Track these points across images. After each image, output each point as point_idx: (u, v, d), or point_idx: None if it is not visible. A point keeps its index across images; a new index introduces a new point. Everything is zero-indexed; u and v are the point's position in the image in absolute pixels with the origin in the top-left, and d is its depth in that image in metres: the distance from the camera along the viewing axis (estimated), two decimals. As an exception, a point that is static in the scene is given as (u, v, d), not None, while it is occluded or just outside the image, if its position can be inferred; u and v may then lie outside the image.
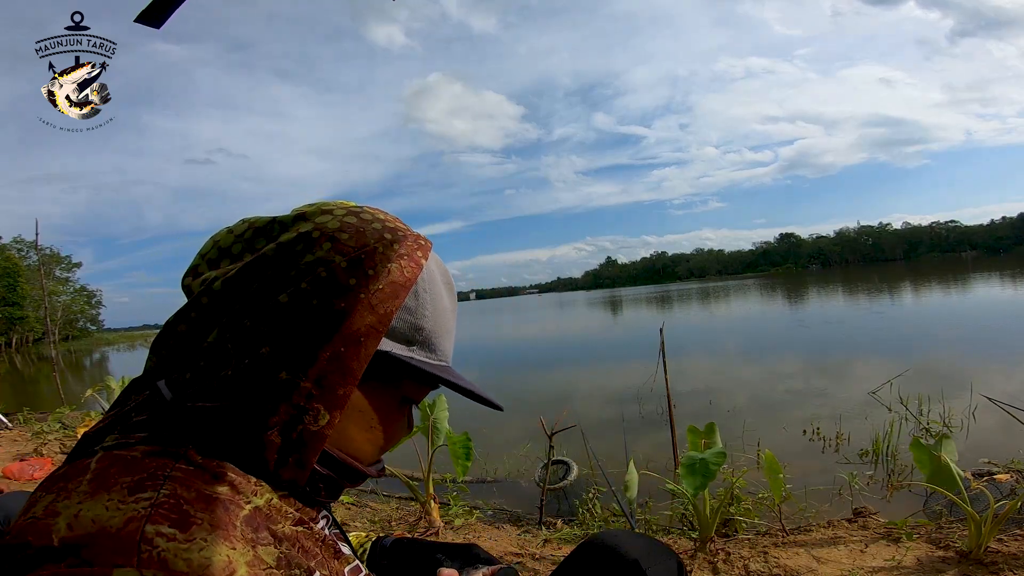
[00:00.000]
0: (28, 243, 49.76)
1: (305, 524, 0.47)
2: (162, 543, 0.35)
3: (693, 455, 2.21)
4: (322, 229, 0.48)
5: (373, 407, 0.51)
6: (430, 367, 0.51)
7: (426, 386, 0.55)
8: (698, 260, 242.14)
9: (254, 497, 0.43)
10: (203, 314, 0.47)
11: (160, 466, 0.40)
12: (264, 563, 0.39)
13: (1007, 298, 15.98)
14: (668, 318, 18.71)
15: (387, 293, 0.47)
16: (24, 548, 0.34)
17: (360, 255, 0.47)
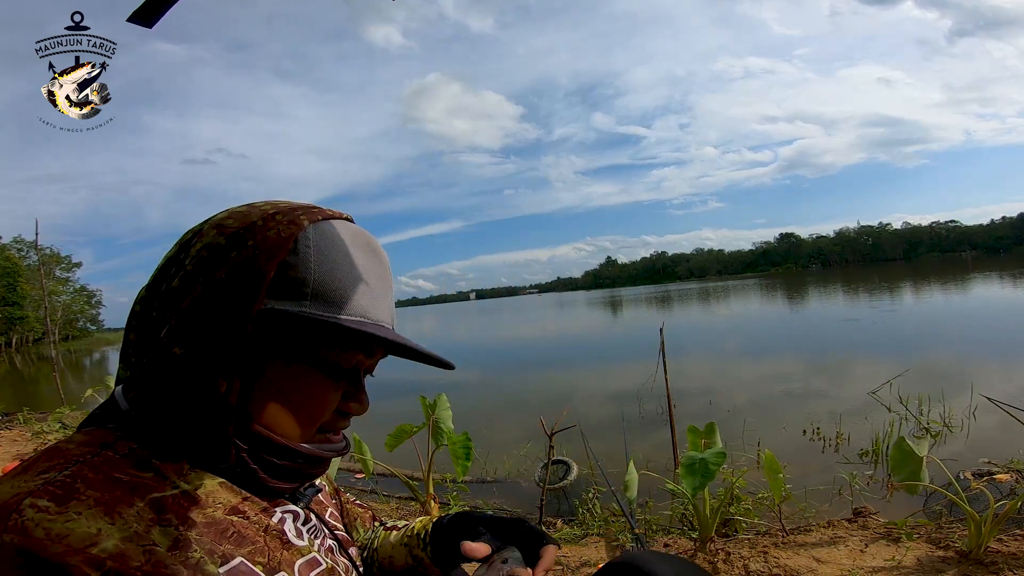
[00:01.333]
0: (28, 243, 49.76)
1: (242, 513, 0.48)
2: (31, 513, 0.38)
3: (693, 455, 2.21)
4: (211, 221, 0.51)
5: (288, 379, 0.50)
6: (330, 319, 0.49)
7: (343, 347, 0.52)
8: (698, 260, 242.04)
9: (182, 482, 0.46)
10: (135, 319, 0.50)
11: (81, 453, 0.43)
12: (147, 540, 0.40)
13: (1007, 298, 15.97)
14: (668, 318, 18.70)
15: (262, 253, 0.47)
16: None
17: (240, 230, 0.49)
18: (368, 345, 0.54)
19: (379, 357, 0.58)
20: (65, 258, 61.34)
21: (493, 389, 8.80)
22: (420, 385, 4.32)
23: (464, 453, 2.76)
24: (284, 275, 0.48)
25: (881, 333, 10.76)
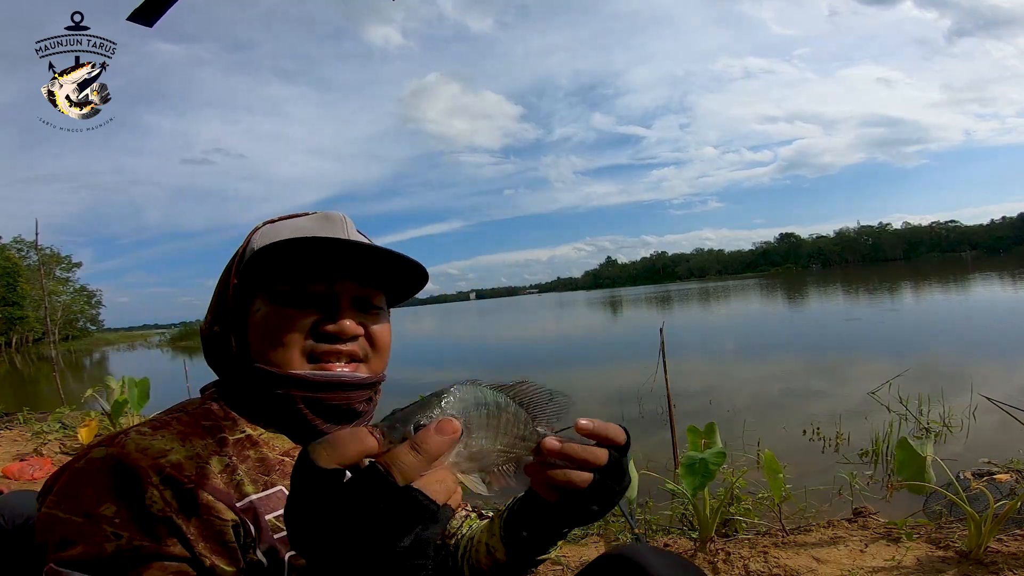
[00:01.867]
0: (28, 243, 49.72)
1: (293, 456, 0.64)
2: (133, 435, 0.56)
3: (693, 455, 2.21)
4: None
5: (263, 319, 0.66)
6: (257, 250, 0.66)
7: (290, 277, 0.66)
8: (698, 260, 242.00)
9: (248, 428, 0.64)
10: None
11: (188, 403, 0.66)
12: (203, 461, 0.57)
13: (1007, 298, 15.97)
14: (668, 318, 18.70)
15: (236, 256, 0.72)
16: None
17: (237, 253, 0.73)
18: (300, 261, 0.66)
19: (352, 285, 0.69)
20: (65, 258, 61.32)
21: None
22: (421, 386, 4.32)
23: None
24: (242, 259, 0.70)
25: (881, 333, 10.76)
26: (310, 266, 0.66)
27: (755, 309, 22.21)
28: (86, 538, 0.49)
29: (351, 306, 0.69)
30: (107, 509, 0.50)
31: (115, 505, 0.50)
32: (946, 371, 6.25)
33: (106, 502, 0.50)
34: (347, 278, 0.68)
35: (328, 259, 0.66)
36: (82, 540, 0.49)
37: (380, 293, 0.74)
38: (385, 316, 0.74)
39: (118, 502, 0.50)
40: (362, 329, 0.69)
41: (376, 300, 0.73)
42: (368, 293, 0.71)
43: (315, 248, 0.65)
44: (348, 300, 0.69)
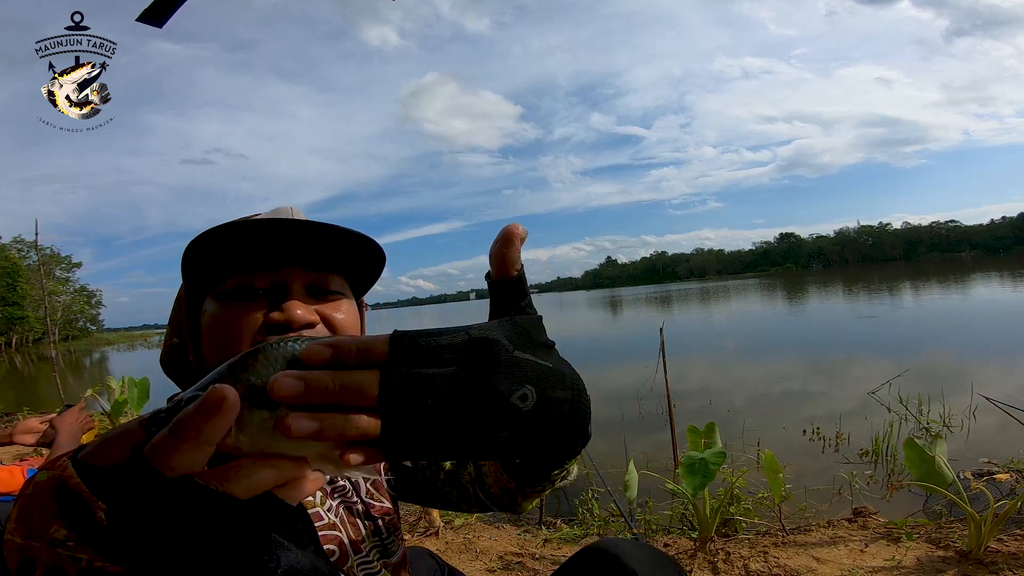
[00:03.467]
0: (28, 243, 49.74)
1: None
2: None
3: (693, 455, 2.21)
4: None
5: (210, 320, 0.62)
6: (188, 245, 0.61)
7: (229, 270, 0.62)
8: (698, 260, 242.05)
9: None
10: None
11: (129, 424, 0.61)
12: None
13: (1007, 298, 15.98)
14: (668, 318, 18.71)
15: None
16: None
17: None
18: (239, 253, 0.61)
19: (299, 271, 0.63)
20: (65, 258, 61.38)
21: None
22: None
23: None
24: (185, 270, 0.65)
25: (881, 333, 10.76)
26: (251, 256, 0.61)
27: (755, 309, 22.22)
28: (45, 562, 0.45)
29: (304, 293, 0.63)
30: (58, 532, 0.45)
31: (65, 528, 0.45)
32: (946, 371, 6.25)
33: (55, 525, 0.46)
34: (294, 263, 0.63)
35: (269, 246, 0.61)
36: (40, 563, 0.46)
37: (337, 276, 0.67)
38: (347, 301, 0.68)
39: (68, 525, 0.46)
40: (316, 316, 0.62)
41: (332, 284, 0.66)
42: (319, 278, 0.65)
43: (251, 235, 0.60)
44: (299, 287, 0.63)
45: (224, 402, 0.26)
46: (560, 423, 0.35)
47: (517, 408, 0.32)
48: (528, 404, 0.32)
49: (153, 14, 1.07)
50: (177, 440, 0.27)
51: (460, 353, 0.31)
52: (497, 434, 0.31)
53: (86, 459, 0.31)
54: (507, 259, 0.45)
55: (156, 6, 1.06)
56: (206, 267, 0.63)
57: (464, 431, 0.31)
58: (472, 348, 0.32)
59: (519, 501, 0.72)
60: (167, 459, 0.27)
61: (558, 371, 0.36)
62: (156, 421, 0.29)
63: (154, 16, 1.08)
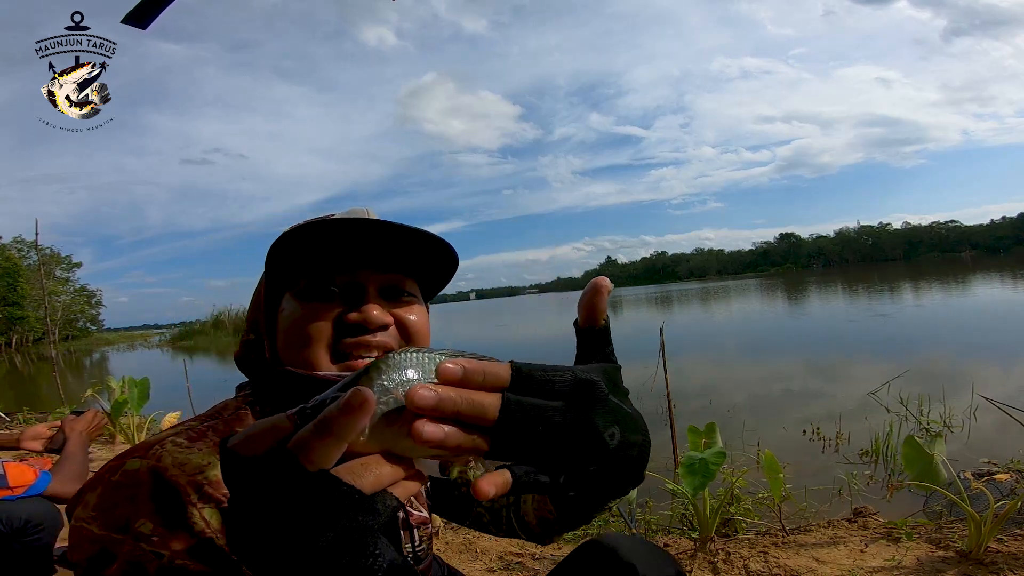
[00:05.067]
0: (28, 243, 49.72)
1: None
2: (170, 447, 0.52)
3: (693, 455, 2.21)
4: None
5: (287, 317, 0.64)
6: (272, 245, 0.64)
7: (309, 271, 0.64)
8: (698, 260, 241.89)
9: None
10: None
11: (224, 407, 0.62)
12: None
13: (1007, 298, 15.97)
14: (668, 318, 18.70)
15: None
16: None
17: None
18: (318, 252, 0.63)
19: (376, 273, 0.66)
20: (65, 258, 61.33)
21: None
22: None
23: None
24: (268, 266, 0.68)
25: (881, 333, 10.75)
26: (329, 256, 0.64)
27: (755, 309, 22.21)
28: (125, 555, 0.47)
29: (379, 295, 0.65)
30: (144, 526, 0.47)
31: (153, 522, 0.47)
32: (946, 371, 6.25)
33: (144, 518, 0.48)
34: (370, 266, 0.65)
35: (347, 246, 0.63)
36: (121, 557, 0.47)
37: (411, 280, 0.69)
38: (419, 304, 0.70)
39: (157, 519, 0.48)
40: (391, 318, 0.65)
41: (407, 287, 0.69)
42: (395, 279, 0.67)
43: (331, 235, 0.62)
44: (374, 288, 0.65)
45: (365, 404, 0.29)
46: (631, 463, 0.39)
47: (606, 444, 0.36)
48: (614, 442, 0.37)
49: (137, 16, 1.07)
50: (320, 436, 0.30)
51: (568, 389, 0.36)
52: (587, 466, 0.36)
53: (236, 448, 0.32)
54: (596, 309, 0.51)
55: (140, 8, 1.06)
56: (286, 265, 0.65)
57: (562, 459, 0.35)
58: (578, 387, 0.36)
59: (553, 533, 0.73)
60: (309, 453, 0.30)
61: (637, 416, 0.40)
62: (303, 417, 0.31)
63: (138, 18, 1.08)
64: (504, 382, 0.34)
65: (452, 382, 0.32)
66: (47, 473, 1.80)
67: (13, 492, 1.70)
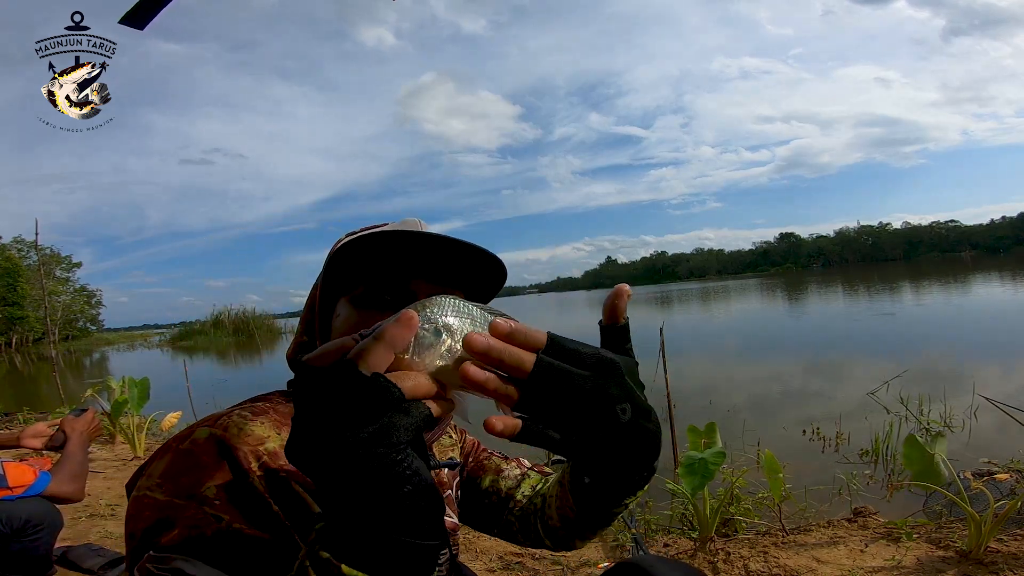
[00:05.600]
0: (28, 243, 49.74)
1: None
2: (236, 418, 0.58)
3: (693, 455, 2.21)
4: None
5: (342, 321, 0.68)
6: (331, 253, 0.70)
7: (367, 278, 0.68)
8: (698, 260, 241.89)
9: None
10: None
11: (281, 394, 0.69)
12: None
13: (1007, 298, 15.97)
14: (668, 318, 18.70)
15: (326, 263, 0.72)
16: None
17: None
18: (375, 262, 0.67)
19: (428, 284, 0.68)
20: (65, 258, 61.34)
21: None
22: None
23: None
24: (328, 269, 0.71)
25: (881, 333, 10.76)
26: (385, 266, 0.67)
27: (755, 309, 22.22)
28: (186, 520, 0.49)
29: None
30: (208, 490, 0.50)
31: (216, 486, 0.51)
32: (947, 371, 6.25)
33: (208, 482, 0.51)
34: (422, 276, 0.69)
35: (402, 257, 0.67)
36: (182, 522, 0.49)
37: (458, 291, 0.72)
38: None
39: (220, 484, 0.51)
40: None
41: None
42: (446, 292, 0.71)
43: (387, 246, 0.66)
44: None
45: (411, 319, 0.38)
46: (640, 444, 0.44)
47: (618, 417, 0.41)
48: (625, 417, 0.41)
49: (135, 16, 1.07)
50: (375, 343, 0.37)
51: (594, 362, 0.41)
52: (598, 432, 0.41)
53: (311, 361, 0.39)
54: (617, 309, 0.56)
55: (138, 9, 1.06)
56: (343, 272, 0.70)
57: (576, 420, 0.40)
58: (602, 362, 0.41)
59: (576, 535, 0.73)
60: (365, 357, 0.37)
61: (649, 407, 0.46)
62: (363, 336, 0.39)
63: (135, 19, 1.08)
64: (541, 344, 0.40)
65: (500, 335, 0.39)
66: (47, 473, 1.80)
67: (13, 492, 1.70)
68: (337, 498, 0.37)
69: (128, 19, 1.06)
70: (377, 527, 0.37)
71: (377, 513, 0.36)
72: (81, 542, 2.54)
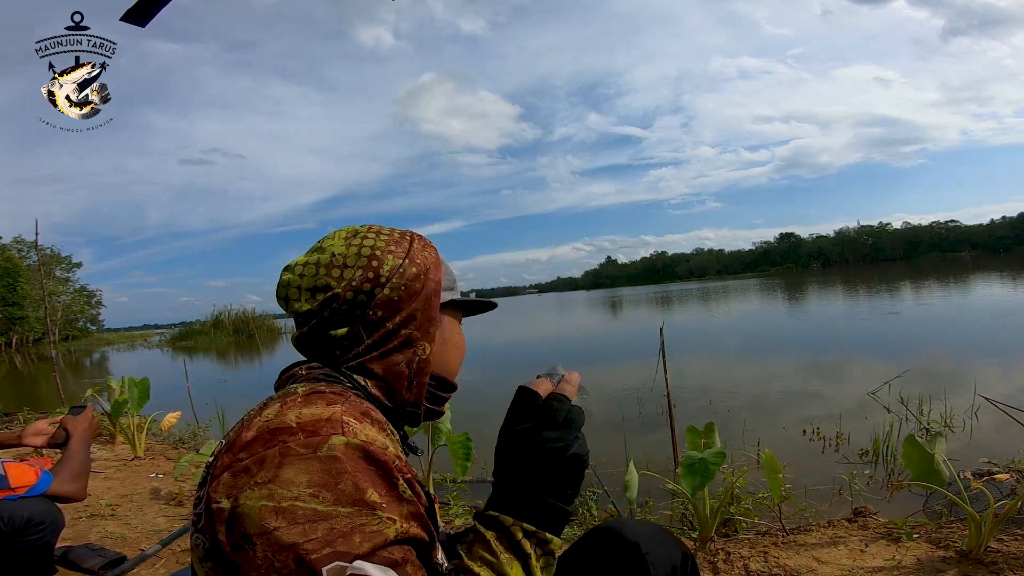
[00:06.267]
0: (28, 243, 49.74)
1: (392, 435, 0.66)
2: (354, 424, 0.56)
3: (693, 455, 2.21)
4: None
5: (451, 333, 0.79)
6: (459, 297, 0.81)
7: (461, 309, 0.83)
8: (698, 260, 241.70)
9: (376, 415, 0.64)
10: (331, 319, 0.70)
11: (341, 393, 0.62)
12: (398, 450, 0.59)
13: (1008, 298, 15.96)
14: (668, 318, 18.70)
15: (435, 268, 0.76)
16: (270, 433, 0.53)
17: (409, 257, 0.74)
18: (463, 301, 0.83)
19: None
20: (65, 258, 61.33)
21: (494, 389, 8.78)
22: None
23: (464, 453, 2.76)
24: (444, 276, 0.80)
25: (881, 333, 10.76)
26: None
27: (755, 309, 22.21)
28: (364, 527, 0.49)
29: None
30: (372, 495, 0.51)
31: (378, 493, 0.51)
32: (947, 371, 6.25)
33: (369, 488, 0.51)
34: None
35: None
36: (360, 530, 0.48)
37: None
38: None
39: (381, 490, 0.52)
40: None
41: None
42: None
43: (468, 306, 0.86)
44: None
45: (575, 375, 0.76)
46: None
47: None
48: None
49: (136, 14, 1.07)
50: (571, 386, 0.72)
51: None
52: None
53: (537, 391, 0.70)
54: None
55: (140, 6, 1.06)
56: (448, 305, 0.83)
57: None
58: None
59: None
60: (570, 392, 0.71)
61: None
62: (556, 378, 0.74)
63: (137, 16, 1.08)
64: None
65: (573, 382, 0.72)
66: (48, 473, 1.80)
67: (15, 492, 1.70)
68: (577, 480, 0.64)
69: (130, 16, 1.06)
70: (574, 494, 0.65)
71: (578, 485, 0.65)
72: (81, 542, 2.53)
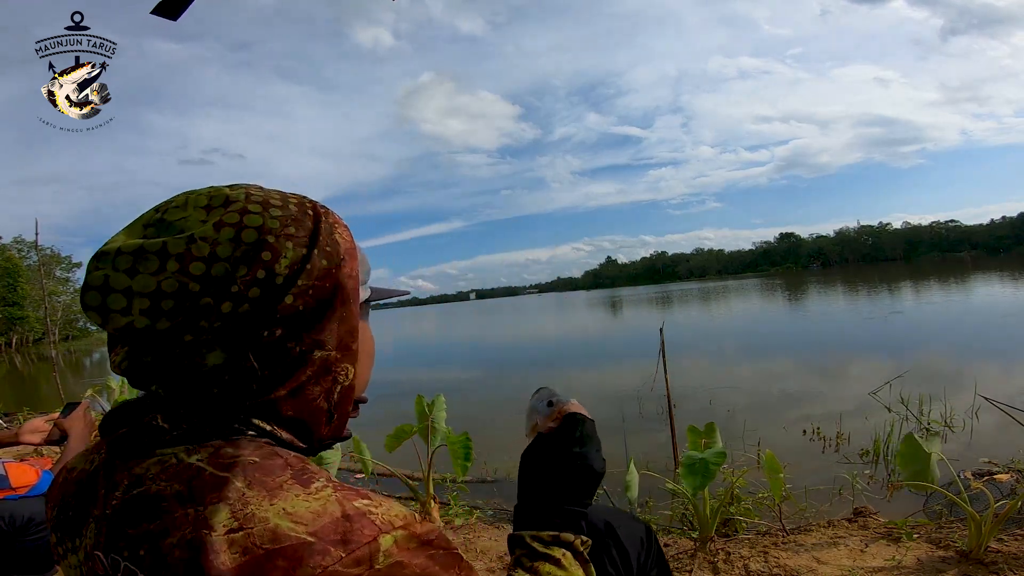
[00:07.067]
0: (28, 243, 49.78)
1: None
2: (375, 509, 0.43)
3: (693, 455, 2.21)
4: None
5: (365, 339, 0.56)
6: (374, 292, 0.60)
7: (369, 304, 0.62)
8: (698, 260, 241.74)
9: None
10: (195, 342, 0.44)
11: (285, 459, 0.45)
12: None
13: (1008, 298, 15.96)
14: (668, 318, 18.70)
15: (351, 257, 0.51)
16: (277, 553, 0.37)
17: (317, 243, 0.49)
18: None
19: None
20: (65, 258, 61.43)
21: (494, 389, 8.80)
22: (421, 385, 4.31)
23: (464, 453, 2.76)
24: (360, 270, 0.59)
25: (881, 333, 10.75)
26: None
27: (755, 309, 22.21)
28: None
29: None
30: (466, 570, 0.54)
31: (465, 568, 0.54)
32: (947, 371, 6.25)
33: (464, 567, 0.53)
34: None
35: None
36: None
37: None
38: None
39: (452, 572, 0.51)
40: None
41: None
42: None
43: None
44: None
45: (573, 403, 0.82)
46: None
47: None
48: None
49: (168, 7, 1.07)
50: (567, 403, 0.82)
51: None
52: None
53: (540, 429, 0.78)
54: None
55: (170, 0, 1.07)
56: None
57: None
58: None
59: None
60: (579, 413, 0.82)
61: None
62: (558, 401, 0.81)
63: (169, 9, 1.08)
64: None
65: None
66: (49, 473, 1.80)
67: (16, 492, 1.71)
68: (592, 487, 0.74)
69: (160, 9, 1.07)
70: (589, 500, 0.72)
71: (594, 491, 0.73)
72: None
